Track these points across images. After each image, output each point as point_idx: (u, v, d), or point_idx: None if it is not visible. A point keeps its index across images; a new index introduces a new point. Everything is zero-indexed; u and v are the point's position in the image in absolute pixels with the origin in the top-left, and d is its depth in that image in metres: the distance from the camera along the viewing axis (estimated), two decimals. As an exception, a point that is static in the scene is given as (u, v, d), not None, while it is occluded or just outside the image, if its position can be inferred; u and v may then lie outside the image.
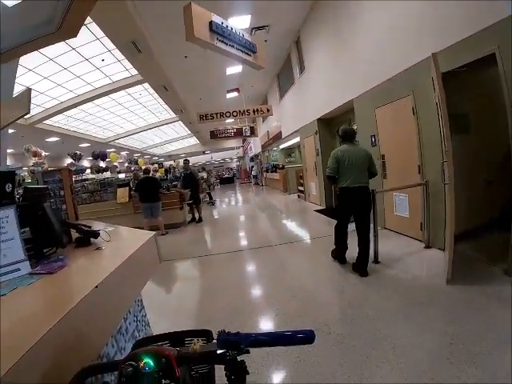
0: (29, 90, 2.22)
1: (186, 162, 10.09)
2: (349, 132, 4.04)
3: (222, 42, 4.56)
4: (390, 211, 5.44)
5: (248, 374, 0.73)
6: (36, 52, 7.67)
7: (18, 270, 1.39)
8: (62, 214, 2.67)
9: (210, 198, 15.44)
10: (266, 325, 3.02)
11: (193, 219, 9.73)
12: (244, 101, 13.36)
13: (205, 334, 1.09)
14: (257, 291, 3.91)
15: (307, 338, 0.75)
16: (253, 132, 13.35)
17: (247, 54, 5.16)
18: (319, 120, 8.80)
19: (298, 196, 12.28)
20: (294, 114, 11.60)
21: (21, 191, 1.79)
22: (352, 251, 4.02)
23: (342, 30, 6.55)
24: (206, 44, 4.37)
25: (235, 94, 14.39)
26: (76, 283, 1.43)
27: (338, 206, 4.13)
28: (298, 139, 12.04)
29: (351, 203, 3.84)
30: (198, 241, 7.48)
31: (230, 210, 13.15)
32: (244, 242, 6.66)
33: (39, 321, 0.95)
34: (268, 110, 11.16)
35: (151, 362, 0.68)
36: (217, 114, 10.73)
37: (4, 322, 0.96)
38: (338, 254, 4.20)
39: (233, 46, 4.77)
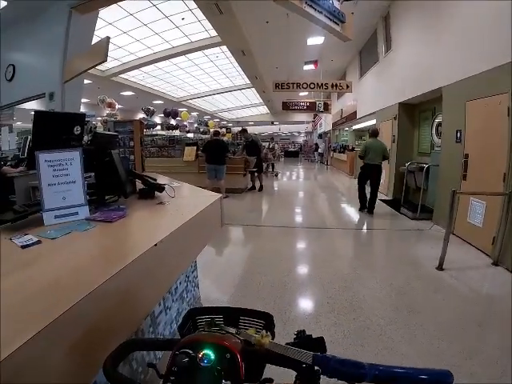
0: (107, 39, 2.25)
1: (244, 131, 9.75)
2: (375, 131, 6.72)
3: (311, 6, 4.26)
4: (461, 217, 4.88)
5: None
6: (117, 6, 7.80)
7: (76, 213, 1.36)
8: (129, 164, 2.74)
9: (273, 168, 15.43)
10: (314, 310, 2.94)
11: (252, 187, 9.79)
12: (321, 74, 12.77)
13: (263, 317, 0.94)
14: (308, 272, 3.80)
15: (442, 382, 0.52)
16: (326, 108, 12.78)
17: (335, 22, 4.82)
18: (400, 104, 8.10)
19: (364, 182, 11.73)
20: (373, 95, 10.80)
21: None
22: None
23: (440, 8, 5.72)
24: (293, 7, 4.13)
25: (312, 66, 13.79)
26: (134, 237, 1.37)
27: (360, 174, 6.75)
28: (373, 122, 11.33)
29: (369, 173, 6.50)
30: (255, 209, 7.57)
31: (290, 184, 13.01)
32: (299, 219, 6.58)
33: (91, 273, 0.91)
34: (348, 87, 10.51)
35: (212, 355, 0.56)
36: (293, 84, 10.36)
37: (53, 267, 0.93)
38: (361, 204, 6.80)
39: (321, 13, 4.46)
